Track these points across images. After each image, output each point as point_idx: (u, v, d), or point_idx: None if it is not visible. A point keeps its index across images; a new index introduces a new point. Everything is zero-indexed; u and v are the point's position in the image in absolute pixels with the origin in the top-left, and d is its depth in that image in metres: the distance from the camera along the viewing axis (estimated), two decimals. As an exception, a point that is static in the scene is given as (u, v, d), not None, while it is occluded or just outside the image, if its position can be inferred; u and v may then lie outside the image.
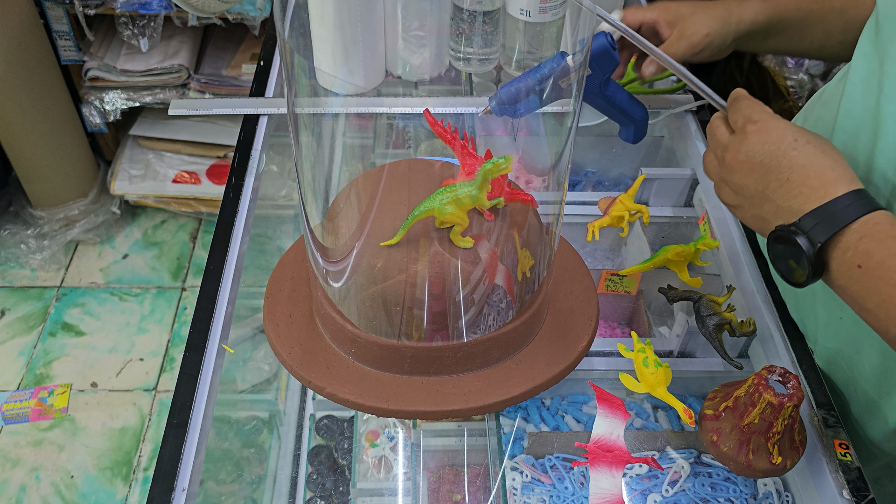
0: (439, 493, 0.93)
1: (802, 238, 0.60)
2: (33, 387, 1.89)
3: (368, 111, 1.06)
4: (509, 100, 0.76)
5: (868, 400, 0.76)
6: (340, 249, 0.70)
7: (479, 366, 0.72)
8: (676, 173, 1.01)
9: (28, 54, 1.84)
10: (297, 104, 0.64)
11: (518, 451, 0.80)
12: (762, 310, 0.83)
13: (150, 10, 1.87)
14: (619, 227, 0.91)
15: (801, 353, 0.79)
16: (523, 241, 0.69)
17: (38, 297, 2.09)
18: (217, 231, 0.89)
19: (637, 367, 0.76)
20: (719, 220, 0.93)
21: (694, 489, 0.77)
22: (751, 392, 0.65)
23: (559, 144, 0.67)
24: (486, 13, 1.02)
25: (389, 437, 1.07)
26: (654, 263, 0.86)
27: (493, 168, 0.62)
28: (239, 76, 2.08)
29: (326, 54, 0.98)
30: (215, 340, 0.80)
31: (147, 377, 1.93)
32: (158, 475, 0.70)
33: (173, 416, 0.74)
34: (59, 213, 2.11)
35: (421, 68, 1.05)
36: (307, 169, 0.69)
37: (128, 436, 1.81)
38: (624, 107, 0.86)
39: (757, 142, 0.65)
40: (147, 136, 2.21)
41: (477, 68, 1.09)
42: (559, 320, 0.77)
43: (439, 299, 0.66)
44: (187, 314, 2.06)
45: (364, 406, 0.69)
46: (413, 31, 1.01)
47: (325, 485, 1.08)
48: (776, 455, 0.66)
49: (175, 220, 2.29)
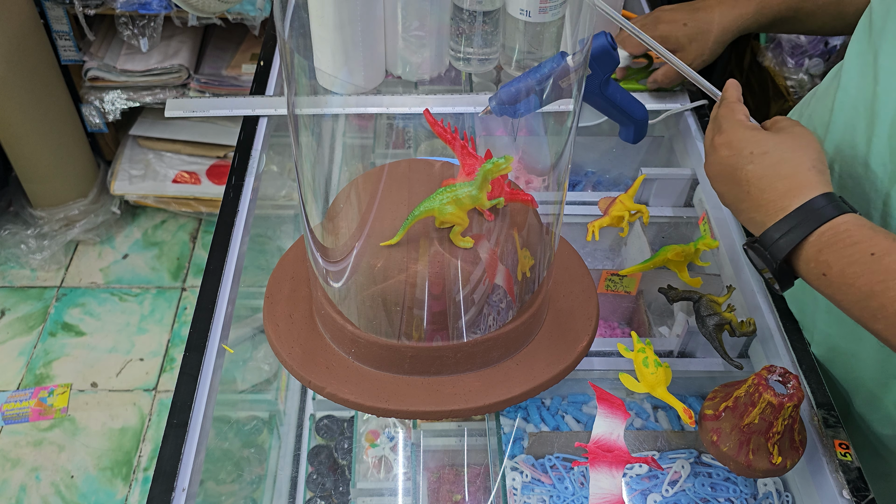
0: (439, 493, 0.93)
1: (765, 253, 0.62)
2: (33, 387, 1.89)
3: (368, 111, 1.06)
4: (509, 100, 0.76)
5: (869, 392, 0.76)
6: (340, 249, 0.70)
7: (479, 366, 0.72)
8: (676, 173, 1.01)
9: (28, 54, 1.84)
10: (297, 104, 0.64)
11: (518, 451, 0.80)
12: (762, 310, 0.83)
13: (150, 10, 1.87)
14: (619, 227, 0.91)
15: (801, 354, 0.79)
16: (523, 241, 0.69)
17: (38, 297, 2.09)
18: (217, 231, 0.89)
19: (637, 367, 0.76)
20: (719, 220, 0.93)
21: (694, 489, 0.77)
22: (751, 392, 0.65)
23: (559, 144, 0.67)
24: (486, 13, 1.02)
25: (389, 437, 1.07)
26: (654, 263, 0.86)
27: (493, 168, 0.62)
28: (239, 76, 2.08)
29: (326, 54, 0.98)
30: (215, 340, 0.80)
31: (147, 377, 1.93)
32: (158, 475, 0.70)
33: (173, 416, 0.74)
34: (59, 213, 2.11)
35: (421, 68, 1.05)
36: (307, 169, 0.69)
37: (128, 436, 1.81)
38: (624, 107, 0.86)
39: (722, 155, 0.67)
40: (147, 136, 2.21)
41: (477, 68, 1.09)
42: (559, 320, 0.77)
43: (439, 299, 0.66)
44: (187, 314, 2.06)
45: (364, 406, 0.69)
46: (413, 31, 1.01)
47: (325, 485, 1.08)
48: (776, 455, 0.66)
49: (175, 220, 2.29)
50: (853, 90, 0.72)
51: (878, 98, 0.68)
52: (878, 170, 0.68)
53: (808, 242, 0.60)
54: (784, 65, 1.86)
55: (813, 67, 1.82)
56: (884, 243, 0.57)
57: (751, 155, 0.64)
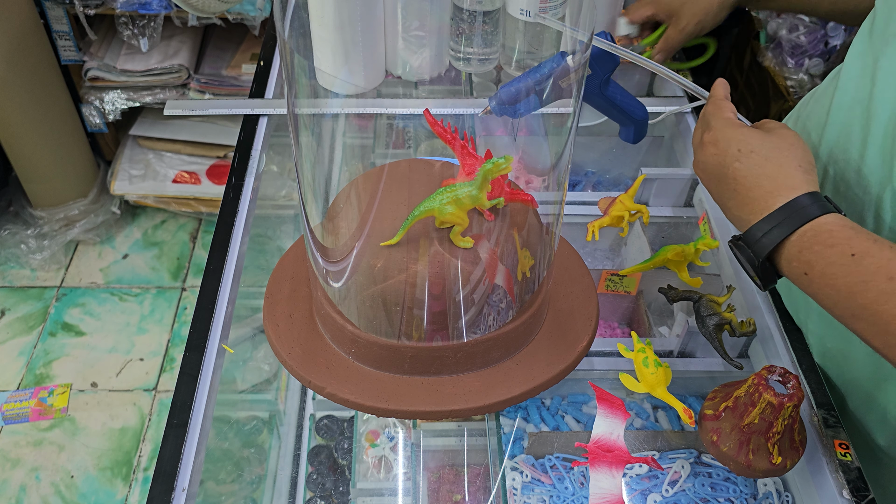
0: (439, 493, 0.93)
1: (748, 252, 0.63)
2: (33, 387, 1.89)
3: (368, 111, 1.06)
4: (509, 100, 0.76)
5: (865, 393, 0.76)
6: (340, 249, 0.70)
7: (479, 366, 0.72)
8: (676, 173, 1.01)
9: (28, 54, 1.84)
10: (297, 104, 0.64)
11: (518, 451, 0.80)
12: (762, 310, 0.83)
13: (150, 10, 1.87)
14: (619, 227, 0.91)
15: (801, 354, 0.79)
16: (523, 241, 0.69)
17: (38, 297, 2.09)
18: (217, 231, 0.89)
19: (637, 367, 0.76)
20: (719, 220, 0.93)
21: (694, 489, 0.77)
22: (751, 392, 0.65)
23: (559, 144, 0.67)
24: (486, 13, 1.02)
25: (389, 437, 1.07)
26: (654, 263, 0.86)
27: (493, 168, 0.62)
28: (239, 76, 2.08)
29: (326, 54, 0.98)
30: (215, 340, 0.80)
31: (147, 377, 1.93)
32: (158, 475, 0.70)
33: (173, 416, 0.74)
34: (59, 213, 2.11)
35: (421, 68, 1.05)
36: (307, 169, 0.69)
37: (128, 436, 1.81)
38: (624, 107, 0.86)
39: (709, 153, 0.67)
40: (147, 136, 2.21)
41: (477, 68, 1.09)
42: (559, 320, 0.77)
43: (439, 299, 0.66)
44: (187, 314, 2.06)
45: (364, 406, 0.69)
46: (413, 31, 1.01)
47: (325, 485, 1.08)
48: (776, 455, 0.66)
49: (175, 220, 2.29)
50: (851, 91, 0.72)
51: (874, 100, 0.68)
52: (872, 171, 0.68)
53: (790, 241, 0.60)
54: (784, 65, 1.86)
55: (813, 67, 1.82)
56: (864, 244, 0.57)
57: (738, 153, 0.64)
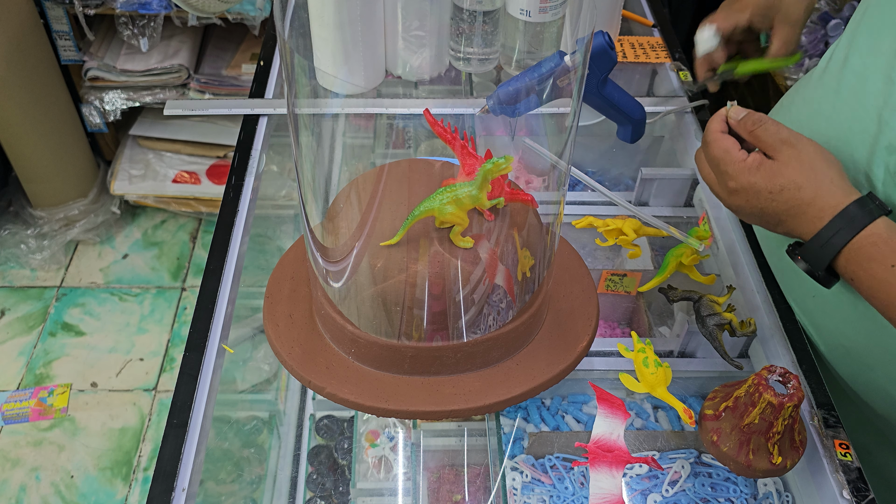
0: (439, 493, 0.93)
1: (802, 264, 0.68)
2: (33, 387, 1.89)
3: (368, 111, 1.06)
4: (507, 99, 0.76)
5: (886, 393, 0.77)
6: (340, 249, 0.70)
7: (479, 366, 0.72)
8: (676, 173, 1.01)
9: (28, 54, 1.84)
10: (297, 104, 0.64)
11: (518, 451, 0.80)
12: (762, 310, 0.83)
13: (150, 10, 1.87)
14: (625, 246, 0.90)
15: (801, 354, 0.79)
16: (523, 241, 0.69)
17: (38, 297, 2.09)
18: (217, 231, 0.89)
19: (637, 367, 0.76)
20: (719, 219, 0.93)
21: (694, 489, 0.77)
22: (751, 392, 0.65)
23: (559, 144, 0.67)
24: (486, 13, 1.02)
25: (389, 437, 1.07)
26: (669, 271, 0.86)
27: (493, 168, 0.62)
28: (239, 76, 2.08)
29: (326, 54, 0.98)
30: (215, 340, 0.80)
31: (147, 377, 1.92)
32: (158, 475, 0.70)
33: (173, 416, 0.74)
34: (59, 213, 2.11)
35: (421, 68, 1.05)
36: (307, 169, 0.69)
37: (128, 436, 1.81)
38: (621, 106, 0.86)
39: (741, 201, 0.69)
40: (147, 136, 2.21)
41: (477, 68, 1.09)
42: (559, 320, 0.77)
43: (439, 299, 0.66)
44: (187, 314, 2.06)
45: (364, 406, 0.69)
46: (413, 31, 1.01)
47: (325, 485, 1.08)
48: (776, 455, 0.66)
49: (175, 220, 2.29)
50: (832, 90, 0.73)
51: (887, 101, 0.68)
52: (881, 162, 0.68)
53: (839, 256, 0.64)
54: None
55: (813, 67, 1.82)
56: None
57: (769, 196, 0.67)
